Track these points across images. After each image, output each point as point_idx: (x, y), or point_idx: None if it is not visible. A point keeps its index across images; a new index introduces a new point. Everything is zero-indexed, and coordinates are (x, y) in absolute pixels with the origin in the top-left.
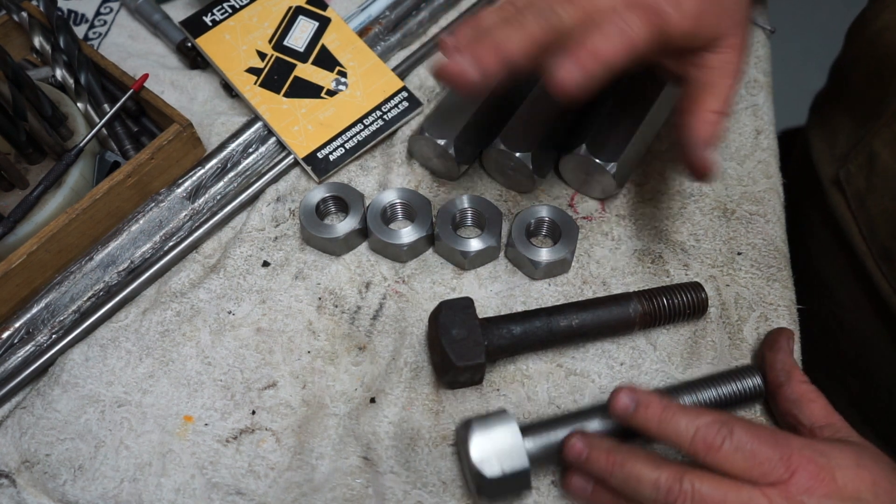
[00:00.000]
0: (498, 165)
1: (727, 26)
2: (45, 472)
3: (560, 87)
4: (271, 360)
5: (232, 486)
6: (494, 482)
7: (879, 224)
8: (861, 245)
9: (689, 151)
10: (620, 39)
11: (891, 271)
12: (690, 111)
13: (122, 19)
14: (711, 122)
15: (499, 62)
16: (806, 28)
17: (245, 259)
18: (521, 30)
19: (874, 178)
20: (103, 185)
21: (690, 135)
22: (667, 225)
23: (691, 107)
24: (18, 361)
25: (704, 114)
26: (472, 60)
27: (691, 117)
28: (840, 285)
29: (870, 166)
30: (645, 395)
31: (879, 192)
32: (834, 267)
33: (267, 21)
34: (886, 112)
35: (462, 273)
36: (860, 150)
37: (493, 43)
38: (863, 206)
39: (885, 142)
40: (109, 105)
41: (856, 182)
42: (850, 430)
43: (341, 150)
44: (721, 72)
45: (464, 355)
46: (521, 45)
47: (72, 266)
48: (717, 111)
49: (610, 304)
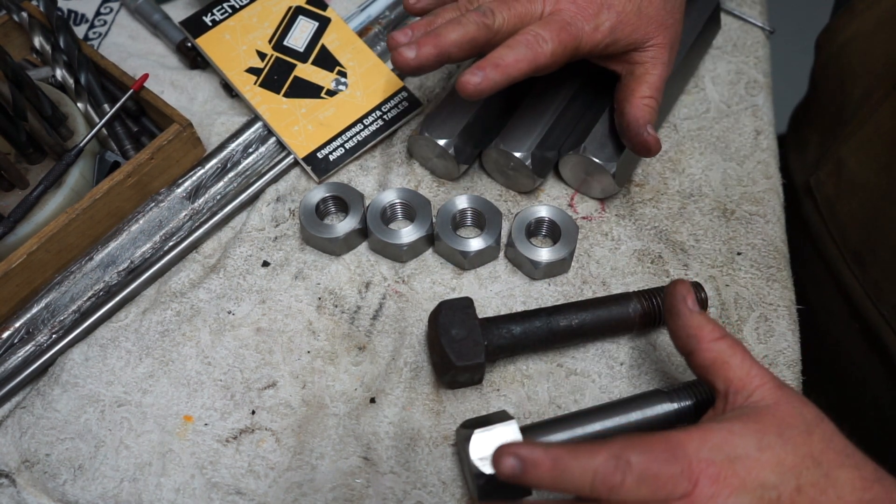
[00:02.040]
0: (498, 165)
1: (649, 31)
2: (45, 471)
3: (460, 88)
4: (271, 360)
5: (232, 486)
6: (494, 483)
7: (850, 229)
8: (833, 250)
9: (631, 132)
10: (525, 53)
11: (863, 275)
12: (627, 99)
13: (122, 19)
14: (645, 106)
15: (435, 51)
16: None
17: (245, 259)
18: (460, 28)
19: (842, 185)
20: (103, 185)
21: (630, 119)
22: (666, 225)
23: (627, 96)
24: (18, 361)
25: (638, 100)
26: (416, 48)
27: (628, 104)
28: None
29: (838, 173)
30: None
31: (847, 198)
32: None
33: (267, 21)
34: (853, 120)
35: (462, 273)
36: (829, 157)
37: (434, 34)
38: (833, 212)
39: (851, 149)
40: (109, 105)
41: (825, 189)
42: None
43: (341, 150)
44: (649, 65)
45: (463, 355)
46: (456, 39)
47: (72, 266)
48: (649, 97)
49: (610, 304)
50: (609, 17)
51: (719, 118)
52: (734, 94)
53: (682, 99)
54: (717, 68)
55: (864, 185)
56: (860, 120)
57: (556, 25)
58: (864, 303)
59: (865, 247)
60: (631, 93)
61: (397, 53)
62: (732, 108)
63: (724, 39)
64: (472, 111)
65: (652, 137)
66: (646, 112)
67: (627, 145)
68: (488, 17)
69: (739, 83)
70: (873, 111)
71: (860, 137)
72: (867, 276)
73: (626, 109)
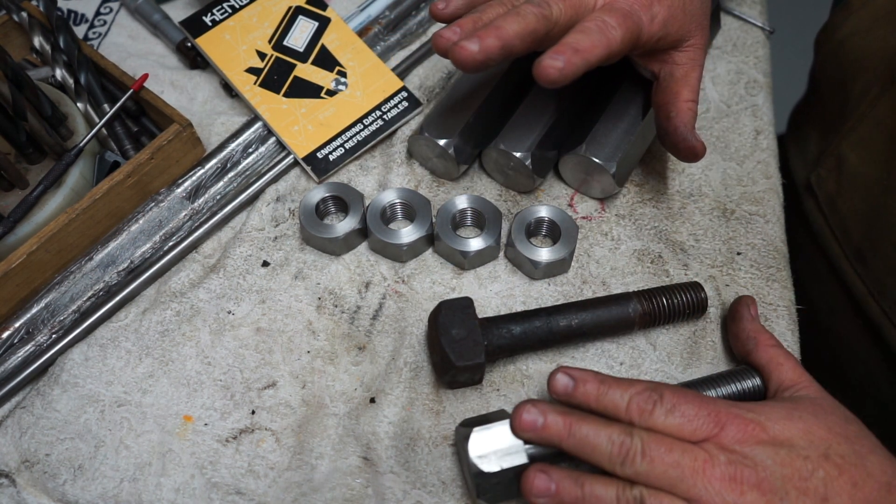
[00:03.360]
0: (498, 165)
1: (691, 28)
2: (44, 471)
3: (543, 74)
4: (271, 359)
5: (232, 486)
6: (493, 481)
7: (851, 225)
8: (835, 247)
9: (679, 138)
10: (599, 38)
11: (865, 271)
12: (672, 103)
13: (122, 19)
14: (690, 110)
15: (499, 43)
16: (806, 28)
17: (245, 259)
18: (521, 19)
19: (843, 181)
20: (103, 185)
21: (677, 123)
22: (666, 225)
23: (672, 99)
24: (18, 361)
25: (683, 103)
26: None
27: (673, 108)
28: (816, 288)
29: (839, 170)
30: (581, 372)
31: (849, 193)
32: (809, 271)
33: (267, 21)
34: (852, 116)
35: (462, 273)
36: (829, 154)
37: (494, 27)
38: (834, 209)
39: (852, 145)
40: (109, 105)
41: (826, 185)
42: (813, 389)
43: (341, 150)
44: (689, 67)
45: (463, 355)
46: (518, 31)
47: (72, 266)
48: (692, 100)
49: (610, 303)
50: (661, 9)
51: (719, 118)
52: (734, 94)
53: None
54: (717, 68)
55: (865, 181)
56: (860, 115)
57: (619, 13)
58: (867, 299)
59: (867, 243)
60: (675, 96)
61: (459, 48)
62: (732, 107)
63: (724, 39)
64: (472, 111)
65: (700, 143)
66: (691, 116)
67: (670, 150)
68: (545, 8)
69: (739, 83)
70: (872, 106)
71: (860, 133)
72: (869, 273)
73: (671, 114)
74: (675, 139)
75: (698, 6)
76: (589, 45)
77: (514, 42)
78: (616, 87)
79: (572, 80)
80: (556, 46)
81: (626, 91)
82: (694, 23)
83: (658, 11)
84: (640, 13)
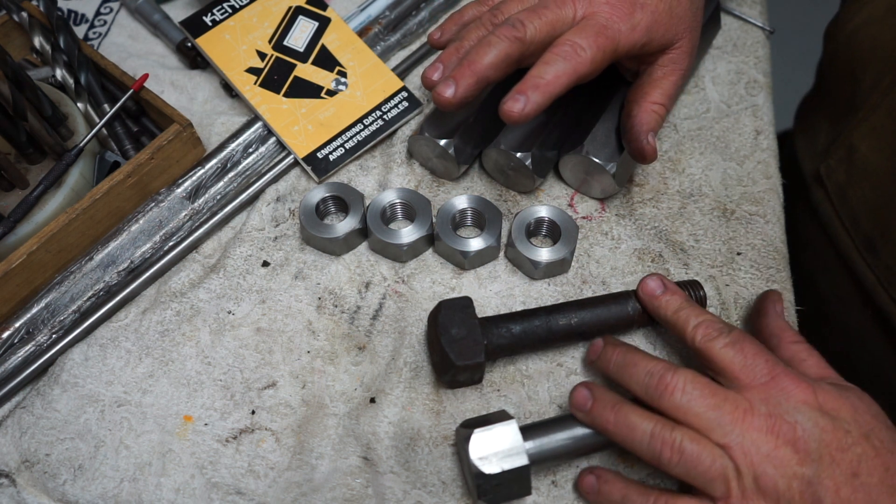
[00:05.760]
0: (498, 165)
1: (679, 31)
2: (44, 471)
3: (505, 116)
4: (271, 359)
5: (232, 486)
6: (494, 482)
7: (861, 215)
8: (844, 238)
9: (632, 137)
10: (564, 67)
11: (874, 261)
12: (637, 102)
13: (122, 19)
14: (654, 112)
15: (473, 79)
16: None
17: (245, 259)
18: (492, 49)
19: (854, 171)
20: (103, 185)
21: (634, 122)
22: (666, 225)
23: (638, 98)
24: (18, 361)
25: (648, 104)
26: (453, 83)
27: (637, 107)
28: (825, 280)
29: (849, 160)
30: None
31: (859, 183)
32: (819, 262)
33: (267, 21)
34: (864, 106)
35: (462, 273)
36: (839, 144)
37: (467, 62)
38: (844, 199)
39: (863, 135)
40: (109, 105)
41: (836, 176)
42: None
43: (341, 150)
44: (668, 70)
45: (463, 355)
46: (491, 61)
47: (72, 266)
48: (660, 103)
49: (609, 302)
50: (644, 16)
51: (719, 118)
52: (734, 94)
53: (682, 99)
54: (717, 68)
55: (875, 170)
56: (871, 105)
57: (591, 31)
58: (877, 289)
59: (877, 232)
60: (643, 95)
61: (436, 94)
62: (732, 108)
63: (724, 39)
64: (472, 111)
65: (650, 147)
66: (652, 119)
67: (626, 147)
68: (518, 30)
69: (739, 83)
70: (885, 96)
71: (872, 122)
72: (879, 262)
73: (633, 112)
74: (628, 137)
75: (686, 7)
76: (552, 77)
77: (489, 73)
78: (616, 86)
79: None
80: (519, 84)
81: (627, 91)
82: (682, 25)
83: (641, 19)
84: (618, 24)
